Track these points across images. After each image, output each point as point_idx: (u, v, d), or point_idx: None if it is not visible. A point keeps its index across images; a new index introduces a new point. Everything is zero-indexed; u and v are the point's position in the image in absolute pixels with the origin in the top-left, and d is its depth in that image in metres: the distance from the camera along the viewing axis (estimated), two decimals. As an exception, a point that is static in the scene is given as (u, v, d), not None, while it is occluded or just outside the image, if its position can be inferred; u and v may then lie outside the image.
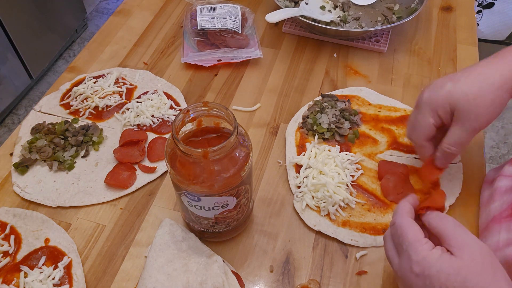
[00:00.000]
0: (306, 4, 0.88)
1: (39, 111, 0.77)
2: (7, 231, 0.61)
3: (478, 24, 1.91)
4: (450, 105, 0.54)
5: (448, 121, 0.56)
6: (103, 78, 0.81)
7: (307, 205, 0.63)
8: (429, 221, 0.48)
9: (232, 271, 0.57)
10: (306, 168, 0.67)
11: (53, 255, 0.59)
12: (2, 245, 0.60)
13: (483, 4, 1.86)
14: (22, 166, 0.68)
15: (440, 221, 0.47)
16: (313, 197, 0.64)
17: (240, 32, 0.85)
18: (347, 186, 0.65)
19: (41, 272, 0.57)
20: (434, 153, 0.60)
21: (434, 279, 0.43)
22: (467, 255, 0.43)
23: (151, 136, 0.73)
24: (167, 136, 0.73)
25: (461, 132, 0.55)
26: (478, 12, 1.88)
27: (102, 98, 0.78)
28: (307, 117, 0.74)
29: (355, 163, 0.68)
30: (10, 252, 0.60)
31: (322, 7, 0.90)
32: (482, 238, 0.59)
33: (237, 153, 0.50)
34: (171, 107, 0.76)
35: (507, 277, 0.43)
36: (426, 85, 0.58)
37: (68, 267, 0.58)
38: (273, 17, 0.83)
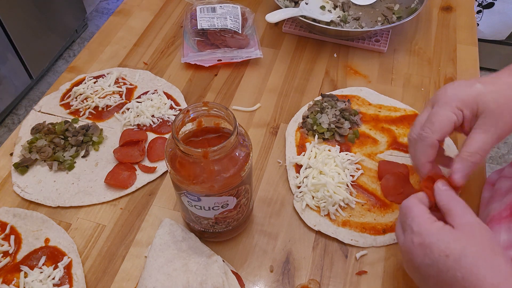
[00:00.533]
0: (306, 4, 0.88)
1: (39, 111, 0.77)
2: (7, 231, 0.61)
3: (478, 24, 1.91)
4: (478, 106, 0.50)
5: (469, 124, 0.52)
6: (103, 78, 0.81)
7: (307, 205, 0.63)
8: (440, 195, 0.49)
9: (232, 271, 0.57)
10: (306, 168, 0.67)
11: (53, 255, 0.59)
12: (2, 245, 0.60)
13: (483, 4, 1.86)
14: (22, 166, 0.68)
15: (451, 198, 0.48)
16: (313, 197, 0.64)
17: (240, 32, 0.85)
18: (347, 186, 0.65)
19: (41, 272, 0.57)
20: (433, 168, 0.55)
21: (434, 247, 0.44)
22: (468, 230, 0.45)
23: (151, 136, 0.73)
24: (167, 136, 0.73)
25: (486, 138, 0.50)
26: (478, 12, 1.88)
27: (102, 98, 0.78)
28: (307, 117, 0.74)
29: (355, 163, 0.68)
30: (10, 252, 0.60)
31: (322, 7, 0.90)
32: None
33: (237, 153, 0.50)
34: (171, 107, 0.76)
35: (507, 258, 0.44)
36: (447, 84, 0.54)
37: (68, 267, 0.58)
38: (273, 17, 0.83)
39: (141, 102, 0.77)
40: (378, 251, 0.60)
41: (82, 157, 0.71)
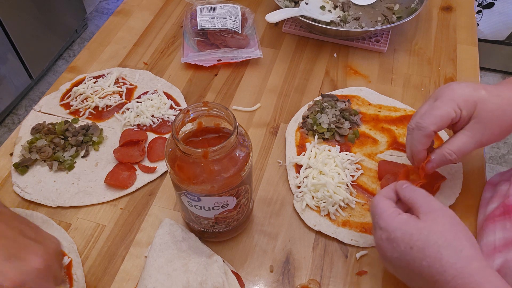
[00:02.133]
0: (306, 4, 0.88)
1: (39, 111, 0.77)
2: (7, 231, 0.61)
3: (478, 24, 1.91)
4: (475, 110, 0.53)
5: (462, 123, 0.55)
6: (103, 78, 0.81)
7: (307, 205, 0.63)
8: (403, 193, 0.52)
9: (232, 271, 0.57)
10: (306, 168, 0.67)
11: (53, 255, 0.59)
12: (2, 245, 0.60)
13: (483, 4, 1.86)
14: (22, 166, 0.68)
15: (412, 192, 0.51)
16: (313, 197, 0.64)
17: (240, 32, 0.85)
18: (347, 186, 0.65)
19: (41, 272, 0.57)
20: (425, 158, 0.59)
21: (399, 240, 0.47)
22: (431, 218, 0.47)
23: (151, 136, 0.73)
24: (167, 136, 0.73)
25: (469, 142, 0.54)
26: (478, 12, 1.88)
27: (102, 98, 0.78)
28: (307, 117, 0.74)
29: (355, 163, 0.68)
30: (10, 252, 0.59)
31: (322, 7, 0.90)
32: (478, 238, 0.59)
33: (237, 153, 0.50)
34: (171, 107, 0.76)
35: (469, 237, 0.46)
36: (453, 82, 0.57)
37: (68, 267, 0.58)
38: (273, 17, 0.83)
39: (141, 102, 0.77)
40: (378, 251, 0.60)
41: (82, 157, 0.71)
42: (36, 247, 0.47)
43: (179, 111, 0.73)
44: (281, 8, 0.86)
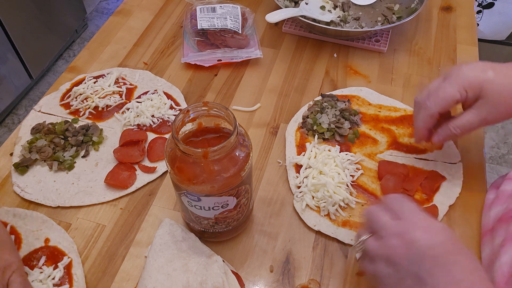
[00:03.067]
0: (306, 4, 0.88)
1: (39, 111, 0.77)
2: (7, 231, 0.61)
3: (478, 24, 1.91)
4: (481, 90, 0.55)
5: (469, 103, 0.57)
6: (103, 78, 0.81)
7: (307, 205, 0.63)
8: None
9: (232, 271, 0.57)
10: (306, 168, 0.67)
11: (53, 255, 0.59)
12: (2, 245, 0.60)
13: (483, 4, 1.86)
14: (22, 166, 0.68)
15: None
16: (313, 197, 0.64)
17: (240, 32, 0.85)
18: (347, 186, 0.65)
19: (41, 272, 0.57)
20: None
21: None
22: None
23: (151, 136, 0.73)
24: (167, 136, 0.73)
25: (474, 120, 0.57)
26: (478, 12, 1.88)
27: (102, 98, 0.78)
28: (307, 117, 0.74)
29: (355, 163, 0.68)
30: (10, 252, 0.60)
31: (322, 7, 0.90)
32: (486, 239, 0.58)
33: (237, 153, 0.50)
34: (171, 107, 0.76)
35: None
36: (463, 63, 0.58)
37: (68, 267, 0.58)
38: (273, 17, 0.83)
39: (141, 102, 0.77)
40: (378, 251, 0.60)
41: (82, 157, 0.71)
42: None
43: (179, 111, 0.73)
44: (281, 8, 0.86)
